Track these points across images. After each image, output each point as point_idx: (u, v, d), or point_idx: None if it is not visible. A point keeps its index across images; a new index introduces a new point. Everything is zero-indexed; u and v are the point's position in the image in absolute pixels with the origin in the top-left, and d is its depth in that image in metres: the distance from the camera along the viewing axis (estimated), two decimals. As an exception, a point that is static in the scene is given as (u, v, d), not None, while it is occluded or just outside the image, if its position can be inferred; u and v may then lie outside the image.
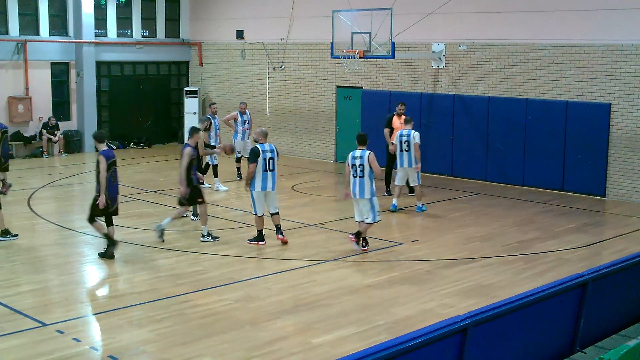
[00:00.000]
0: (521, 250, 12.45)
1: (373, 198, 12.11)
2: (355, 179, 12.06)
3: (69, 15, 23.47)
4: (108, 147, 11.80)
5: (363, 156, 12.00)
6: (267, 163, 12.27)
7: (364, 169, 11.97)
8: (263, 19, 23.53)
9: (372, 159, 12.01)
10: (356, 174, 12.02)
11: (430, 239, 13.45)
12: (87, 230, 13.35)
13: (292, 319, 9.19)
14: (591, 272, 7.76)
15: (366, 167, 11.97)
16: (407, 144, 15.06)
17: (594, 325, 7.90)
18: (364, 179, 12.00)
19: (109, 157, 11.53)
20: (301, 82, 22.77)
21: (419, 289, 10.43)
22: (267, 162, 12.27)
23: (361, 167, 11.96)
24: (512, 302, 6.71)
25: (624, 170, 16.68)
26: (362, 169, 11.96)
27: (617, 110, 16.65)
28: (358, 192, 12.08)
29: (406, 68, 20.22)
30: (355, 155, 12.10)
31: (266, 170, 12.26)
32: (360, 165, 11.98)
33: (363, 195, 12.05)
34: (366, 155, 12.01)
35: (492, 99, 18.61)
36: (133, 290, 10.27)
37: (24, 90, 22.63)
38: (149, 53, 25.37)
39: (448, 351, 6.04)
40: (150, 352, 8.15)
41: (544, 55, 17.68)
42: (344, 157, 21.85)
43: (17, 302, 9.64)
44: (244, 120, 18.66)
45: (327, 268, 11.38)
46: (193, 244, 12.74)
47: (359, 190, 12.07)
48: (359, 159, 12.03)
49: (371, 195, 12.08)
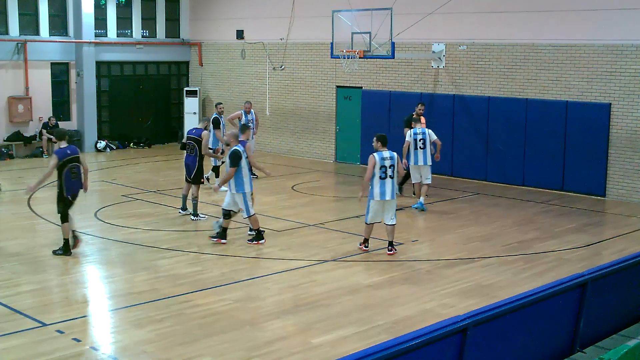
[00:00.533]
0: (521, 250, 12.45)
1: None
2: (385, 180, 11.75)
3: (69, 15, 23.47)
4: (69, 145, 11.90)
5: (393, 157, 11.89)
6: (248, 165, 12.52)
7: (394, 169, 11.90)
8: (263, 19, 23.53)
9: (398, 160, 12.09)
10: (386, 175, 11.77)
11: (430, 239, 13.45)
12: (87, 231, 13.36)
13: (292, 319, 9.19)
14: (591, 272, 7.76)
15: (395, 167, 11.94)
16: (422, 142, 15.23)
17: (594, 325, 7.90)
18: (393, 179, 11.94)
19: (63, 155, 11.58)
20: (301, 82, 22.78)
21: (419, 289, 10.43)
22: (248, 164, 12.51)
23: (392, 167, 11.84)
24: (512, 302, 6.71)
25: (624, 170, 16.68)
26: (393, 169, 11.87)
27: (617, 110, 16.65)
28: (390, 193, 11.84)
29: (406, 68, 20.22)
30: (384, 156, 11.78)
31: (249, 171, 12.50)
32: (391, 166, 11.83)
33: (393, 197, 11.97)
34: (395, 155, 11.98)
35: (492, 99, 18.61)
36: (133, 290, 10.26)
37: (24, 90, 22.63)
38: (149, 53, 25.37)
39: (448, 351, 6.04)
40: (150, 352, 8.15)
41: (544, 55, 17.69)
42: (344, 157, 21.88)
43: (17, 302, 9.64)
44: (248, 119, 18.48)
45: (327, 268, 11.38)
46: (193, 243, 12.74)
47: (390, 191, 11.84)
48: (389, 160, 11.82)
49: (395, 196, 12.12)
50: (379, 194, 11.77)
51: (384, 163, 11.75)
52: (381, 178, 11.74)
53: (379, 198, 11.80)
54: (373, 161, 11.72)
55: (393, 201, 11.97)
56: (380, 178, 11.73)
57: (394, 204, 12.03)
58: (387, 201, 11.91)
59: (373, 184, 11.80)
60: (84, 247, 12.56)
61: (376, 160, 11.73)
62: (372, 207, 11.97)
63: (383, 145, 11.92)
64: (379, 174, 11.74)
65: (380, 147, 11.91)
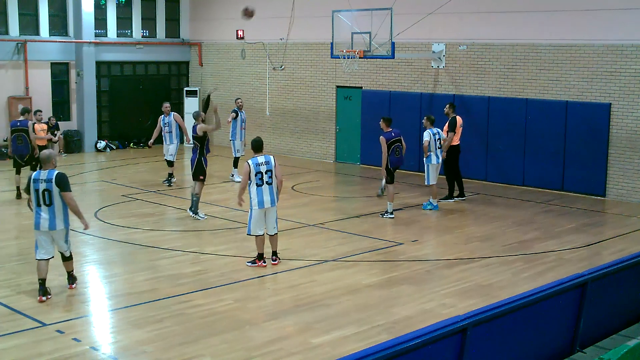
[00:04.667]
0: (521, 250, 12.45)
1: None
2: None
3: (69, 15, 23.48)
4: (22, 120, 16.31)
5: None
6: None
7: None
8: (263, 19, 23.52)
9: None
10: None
11: (430, 239, 13.46)
12: (87, 231, 13.35)
13: (292, 319, 9.19)
14: (591, 272, 7.75)
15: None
16: (439, 142, 15.36)
17: (594, 325, 7.90)
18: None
19: (13, 125, 16.22)
20: (301, 82, 22.77)
21: (419, 289, 10.43)
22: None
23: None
24: (512, 302, 6.71)
25: (624, 170, 16.67)
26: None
27: (617, 110, 16.65)
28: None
29: (406, 68, 20.22)
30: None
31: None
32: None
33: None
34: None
35: (492, 99, 18.60)
36: (133, 290, 10.26)
37: (24, 90, 22.64)
38: (149, 53, 25.37)
39: (448, 351, 6.04)
40: (150, 352, 8.15)
41: (544, 55, 17.68)
42: (344, 157, 21.88)
43: (17, 302, 9.64)
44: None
45: (327, 268, 11.37)
46: (193, 243, 12.74)
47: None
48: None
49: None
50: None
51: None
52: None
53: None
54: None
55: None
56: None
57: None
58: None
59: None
60: (84, 247, 12.57)
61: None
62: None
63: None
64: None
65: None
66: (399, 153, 14.61)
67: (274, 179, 11.12)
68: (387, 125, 14.66)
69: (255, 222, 11.09)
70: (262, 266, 11.23)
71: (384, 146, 14.43)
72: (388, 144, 14.45)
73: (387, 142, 14.45)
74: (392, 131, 14.61)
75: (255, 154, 11.14)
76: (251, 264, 11.32)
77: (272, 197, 11.10)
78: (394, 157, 14.54)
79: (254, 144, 11.19)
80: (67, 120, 23.71)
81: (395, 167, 14.75)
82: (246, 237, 13.03)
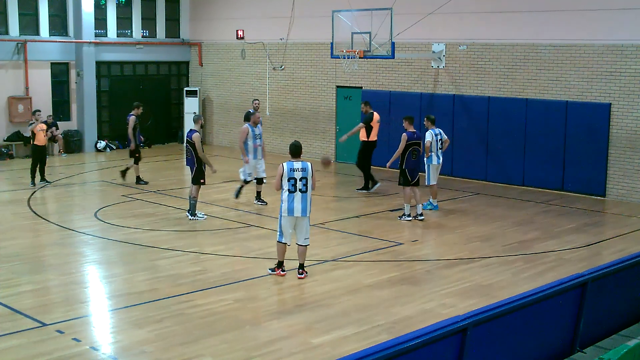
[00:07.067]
0: (521, 250, 12.45)
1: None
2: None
3: (69, 15, 23.47)
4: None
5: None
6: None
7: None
8: (263, 19, 23.54)
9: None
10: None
11: (430, 239, 13.45)
12: (87, 231, 13.36)
13: (292, 319, 9.19)
14: (591, 272, 7.75)
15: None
16: (440, 142, 15.33)
17: (594, 325, 7.90)
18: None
19: None
20: (301, 82, 22.77)
21: (419, 289, 10.43)
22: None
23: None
24: (512, 302, 6.71)
25: (624, 170, 16.68)
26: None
27: (617, 110, 16.65)
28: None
29: (406, 68, 20.22)
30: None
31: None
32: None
33: None
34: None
35: (492, 99, 18.61)
36: (133, 290, 10.26)
37: (24, 90, 22.63)
38: (149, 53, 25.37)
39: (448, 351, 6.04)
40: (150, 352, 8.15)
41: (544, 55, 17.68)
42: (344, 157, 21.88)
43: (17, 302, 9.64)
44: (255, 134, 15.63)
45: (327, 268, 11.38)
46: (193, 243, 12.74)
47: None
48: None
49: None
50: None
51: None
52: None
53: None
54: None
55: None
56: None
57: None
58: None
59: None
60: (83, 247, 12.57)
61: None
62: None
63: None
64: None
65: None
66: (416, 156, 14.31)
67: (309, 187, 10.50)
68: (410, 124, 14.41)
69: (283, 229, 10.61)
70: (280, 275, 10.82)
71: (403, 143, 14.16)
72: (408, 143, 14.21)
73: (408, 142, 14.23)
74: (415, 132, 14.41)
75: (292, 158, 10.59)
76: (271, 272, 10.91)
77: (305, 206, 10.44)
78: (410, 159, 14.29)
79: (292, 148, 10.64)
80: (67, 120, 23.71)
81: (412, 169, 14.33)
82: (246, 237, 13.07)
